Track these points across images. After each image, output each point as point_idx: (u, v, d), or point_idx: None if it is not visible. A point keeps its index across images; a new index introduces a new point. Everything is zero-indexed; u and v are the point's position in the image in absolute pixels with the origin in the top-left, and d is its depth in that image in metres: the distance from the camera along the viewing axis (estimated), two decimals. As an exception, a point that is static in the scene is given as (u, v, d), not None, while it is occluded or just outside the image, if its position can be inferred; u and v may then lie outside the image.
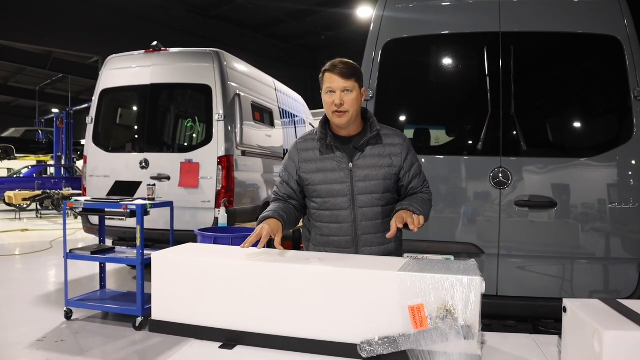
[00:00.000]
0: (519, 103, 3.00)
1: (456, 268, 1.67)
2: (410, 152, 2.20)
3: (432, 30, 3.25)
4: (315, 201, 2.21)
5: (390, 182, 2.16)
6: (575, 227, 3.01)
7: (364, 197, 2.14)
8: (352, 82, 2.07)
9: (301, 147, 2.22)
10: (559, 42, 3.10)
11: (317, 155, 2.17)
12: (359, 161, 2.13)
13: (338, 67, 2.06)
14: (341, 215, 2.16)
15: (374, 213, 2.16)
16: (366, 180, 2.12)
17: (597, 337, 1.25)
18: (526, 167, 3.01)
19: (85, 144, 6.21)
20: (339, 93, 2.05)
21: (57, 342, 4.03)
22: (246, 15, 15.84)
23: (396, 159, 2.16)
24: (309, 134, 2.27)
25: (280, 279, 1.70)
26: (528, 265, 3.05)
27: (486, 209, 3.06)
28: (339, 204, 2.15)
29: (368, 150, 2.14)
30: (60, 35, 13.64)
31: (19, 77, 22.47)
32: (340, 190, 2.13)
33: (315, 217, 2.24)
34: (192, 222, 5.52)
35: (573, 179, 2.99)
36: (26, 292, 5.66)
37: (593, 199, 2.98)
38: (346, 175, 2.13)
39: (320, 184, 2.16)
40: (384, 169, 2.14)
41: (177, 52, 5.99)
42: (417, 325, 1.54)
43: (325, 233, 2.21)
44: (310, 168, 2.17)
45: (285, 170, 2.25)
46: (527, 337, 1.87)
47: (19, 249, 8.97)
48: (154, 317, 1.84)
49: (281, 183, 2.26)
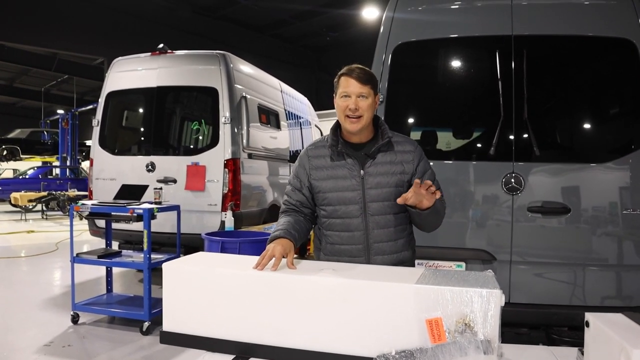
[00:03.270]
0: (531, 107, 2.95)
1: (474, 280, 1.63)
2: (422, 159, 2.17)
3: (442, 34, 3.21)
4: (325, 209, 2.17)
5: (402, 189, 2.11)
6: (589, 233, 2.96)
7: (375, 204, 2.10)
8: (368, 88, 2.03)
9: (312, 153, 2.18)
10: (571, 45, 3.05)
11: (328, 162, 2.13)
12: (370, 168, 2.09)
13: (355, 72, 2.03)
14: (352, 223, 2.12)
15: (385, 221, 2.12)
16: (378, 187, 2.09)
17: (625, 354, 1.22)
18: (539, 172, 2.96)
19: (91, 147, 6.20)
20: (354, 98, 2.02)
21: (64, 347, 4.01)
22: (251, 16, 15.82)
23: (408, 166, 2.12)
24: (319, 140, 2.23)
25: (294, 290, 1.67)
26: (540, 272, 3.01)
27: (498, 215, 3.02)
28: (351, 211, 2.11)
29: (379, 157, 2.10)
30: (65, 37, 13.66)
31: (24, 78, 22.52)
32: (352, 198, 2.10)
33: (325, 226, 2.19)
34: (199, 226, 5.50)
35: (586, 184, 2.94)
36: (33, 294, 5.66)
37: (606, 204, 2.93)
38: (357, 182, 2.09)
39: (331, 191, 2.12)
40: (396, 176, 2.10)
41: (183, 55, 5.97)
42: (435, 339, 1.51)
43: (336, 242, 2.17)
44: (321, 175, 2.13)
45: (297, 177, 2.20)
46: (545, 349, 1.84)
47: (24, 250, 8.98)
48: (165, 328, 1.81)
49: (293, 190, 2.21)
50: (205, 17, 15.59)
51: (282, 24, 16.59)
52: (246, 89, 6.06)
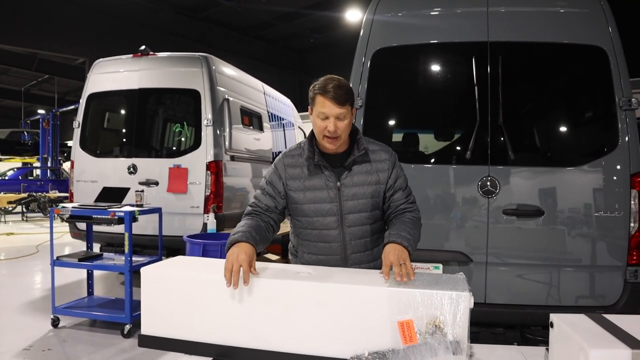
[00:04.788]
0: (506, 112, 3.03)
1: (445, 282, 1.68)
2: (395, 166, 2.15)
3: (421, 39, 3.27)
4: (300, 220, 2.15)
5: (378, 199, 2.12)
6: (562, 235, 3.04)
7: (352, 216, 2.10)
8: (347, 107, 1.98)
9: (288, 162, 2.14)
10: (546, 52, 3.13)
11: (305, 173, 2.10)
12: (346, 180, 2.08)
13: (332, 92, 1.95)
14: (330, 234, 2.12)
15: (362, 232, 2.13)
16: (354, 199, 2.09)
17: (584, 354, 1.27)
18: (514, 176, 3.04)
19: (72, 149, 6.14)
20: (332, 119, 1.96)
21: (44, 350, 3.98)
22: (234, 18, 15.79)
23: (383, 175, 2.11)
24: (295, 148, 2.18)
25: (270, 293, 1.70)
26: (516, 273, 3.08)
27: (474, 218, 3.08)
28: (328, 223, 2.11)
29: (355, 168, 2.09)
30: (46, 36, 13.49)
31: (3, 77, 22.15)
32: (329, 210, 2.09)
33: (302, 236, 2.19)
34: (181, 228, 5.50)
35: (560, 187, 3.02)
36: (12, 298, 5.59)
37: (579, 207, 3.02)
38: (335, 194, 2.08)
39: (308, 202, 2.10)
40: (372, 187, 2.10)
41: (166, 57, 5.95)
42: (407, 341, 1.56)
43: (313, 252, 2.18)
44: (296, 186, 2.11)
45: (270, 183, 2.14)
46: (515, 348, 1.89)
47: (4, 253, 8.85)
48: (144, 331, 1.83)
49: (263, 194, 2.14)
50: (188, 18, 15.52)
51: (265, 26, 16.59)
52: (228, 91, 6.06)
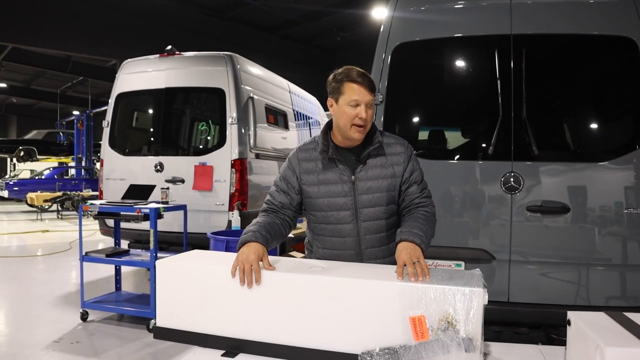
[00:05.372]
0: (530, 106, 2.95)
1: (459, 278, 1.65)
2: (411, 160, 2.12)
3: (442, 34, 3.21)
4: (315, 215, 2.14)
5: (393, 193, 2.09)
6: (589, 232, 2.94)
7: (367, 210, 2.07)
8: (373, 96, 2.01)
9: (302, 156, 2.13)
10: (571, 44, 3.03)
11: (319, 167, 2.09)
12: (361, 173, 2.06)
13: (362, 79, 1.98)
14: (344, 229, 2.10)
15: (377, 226, 2.10)
16: (369, 192, 2.06)
17: (599, 352, 1.23)
18: (538, 172, 2.95)
19: (101, 147, 6.30)
20: (363, 106, 1.97)
21: (72, 343, 4.10)
22: (261, 17, 15.89)
23: (398, 169, 2.08)
24: (309, 142, 2.18)
25: (282, 287, 1.70)
26: (540, 272, 3.00)
27: (497, 215, 3.01)
28: (342, 217, 2.09)
29: (370, 161, 2.07)
30: (78, 40, 13.87)
31: (40, 80, 22.90)
32: (343, 204, 2.07)
33: (317, 231, 2.18)
34: (206, 225, 5.56)
35: (586, 183, 2.93)
36: (45, 292, 5.78)
37: (608, 203, 2.91)
38: (349, 188, 2.06)
39: (322, 197, 2.09)
40: (387, 180, 2.07)
41: (191, 56, 6.03)
42: (418, 337, 1.53)
43: (327, 246, 2.16)
44: (311, 180, 2.10)
45: (284, 179, 2.14)
46: (533, 347, 1.84)
47: (39, 249, 9.16)
48: (159, 323, 1.86)
49: (278, 191, 2.14)
50: (216, 19, 15.70)
51: (292, 25, 16.63)
52: (253, 90, 6.10)
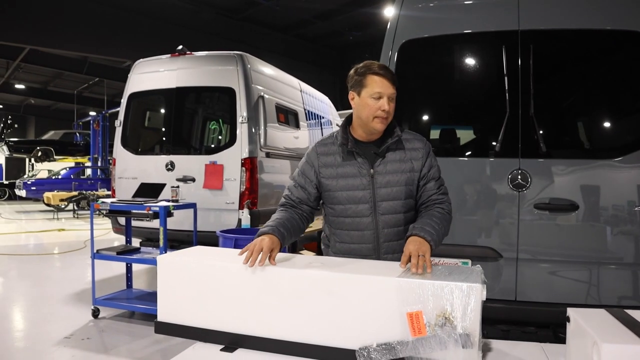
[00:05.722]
0: (538, 103, 2.91)
1: (458, 274, 1.64)
2: (430, 156, 2.15)
3: (448, 30, 3.19)
4: (334, 208, 2.16)
5: (412, 187, 2.11)
6: (599, 230, 2.90)
7: (385, 203, 2.09)
8: (395, 89, 2.05)
9: (320, 151, 2.17)
10: (580, 39, 2.99)
11: (338, 161, 2.12)
12: (380, 167, 2.09)
13: (384, 72, 2.03)
14: (362, 222, 2.11)
15: (396, 220, 2.11)
16: (388, 186, 2.08)
17: (596, 349, 1.21)
18: (546, 169, 2.92)
19: (114, 147, 6.38)
20: (386, 99, 2.01)
21: (83, 339, 4.15)
22: (274, 17, 15.92)
23: (417, 164, 2.11)
24: (328, 137, 2.22)
25: (281, 282, 1.71)
26: (548, 270, 2.96)
27: (504, 212, 2.98)
28: (361, 211, 2.10)
29: (389, 155, 2.10)
30: (94, 41, 14.03)
31: (57, 81, 23.24)
32: (362, 197, 2.09)
33: (335, 224, 2.19)
34: (217, 224, 5.59)
35: (595, 180, 2.88)
36: (58, 290, 5.87)
37: (617, 201, 2.86)
38: (367, 181, 2.08)
39: (341, 190, 2.11)
40: (406, 174, 2.09)
41: (202, 56, 6.07)
42: (415, 332, 1.52)
43: (345, 240, 2.17)
44: (330, 173, 2.12)
45: (302, 174, 2.18)
46: (536, 345, 1.82)
47: (54, 248, 9.31)
48: (160, 318, 1.88)
49: (295, 187, 2.19)
50: (228, 19, 15.77)
51: (304, 24, 16.63)
52: (264, 89, 6.12)
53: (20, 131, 28.73)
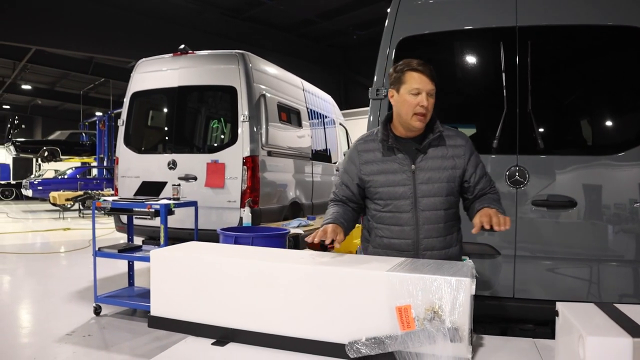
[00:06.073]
0: (536, 99, 2.90)
1: (448, 268, 1.64)
2: (473, 153, 2.15)
3: (446, 27, 3.18)
4: (376, 203, 2.17)
5: (453, 184, 2.11)
6: (597, 227, 2.88)
7: (426, 200, 2.09)
8: (435, 85, 2.06)
9: (361, 148, 2.19)
10: (578, 35, 2.97)
11: (378, 157, 2.13)
12: (421, 163, 2.09)
13: (423, 68, 2.03)
14: (403, 217, 2.12)
15: (436, 216, 2.11)
16: (429, 182, 2.08)
17: (581, 342, 1.21)
18: (544, 165, 2.91)
19: (117, 146, 6.41)
20: (425, 94, 2.02)
21: (84, 336, 4.18)
22: (277, 17, 15.92)
23: (459, 161, 2.11)
24: (368, 134, 2.24)
25: (272, 277, 1.71)
26: (546, 267, 2.95)
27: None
28: (401, 206, 2.11)
29: (431, 151, 2.10)
30: (99, 41, 14.11)
31: (64, 82, 23.37)
32: (403, 193, 2.10)
33: (375, 219, 2.20)
34: (219, 222, 5.60)
35: (593, 177, 2.87)
36: (61, 288, 5.91)
37: (615, 197, 2.85)
38: (408, 177, 2.09)
39: (382, 186, 2.12)
40: (448, 171, 2.09)
41: (204, 55, 6.09)
42: (404, 327, 1.53)
43: (385, 235, 2.17)
44: (371, 170, 2.14)
45: (345, 172, 2.22)
46: (528, 341, 1.82)
47: (59, 247, 9.37)
48: (153, 313, 1.89)
49: (340, 185, 2.23)
50: (233, 19, 15.80)
51: (308, 24, 16.62)
52: (265, 88, 6.13)
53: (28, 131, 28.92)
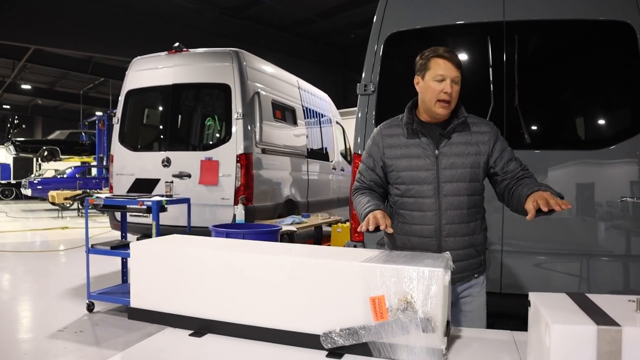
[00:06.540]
0: (523, 94, 2.91)
1: (423, 259, 1.64)
2: (498, 139, 2.11)
3: (434, 22, 3.19)
4: (399, 187, 2.14)
5: (477, 170, 2.09)
6: (583, 221, 2.89)
7: (449, 185, 2.06)
8: (460, 73, 2.02)
9: (385, 132, 2.17)
10: (565, 30, 2.98)
11: (402, 141, 2.11)
12: (445, 148, 2.06)
13: (449, 55, 2.01)
14: (425, 203, 2.09)
15: (459, 202, 2.08)
16: (452, 168, 2.06)
17: (548, 330, 1.21)
18: (530, 159, 2.84)
19: (112, 143, 6.42)
20: (449, 81, 1.99)
21: (76, 332, 4.19)
22: (275, 16, 15.92)
23: (484, 147, 2.08)
24: (393, 119, 2.21)
25: (249, 268, 1.71)
26: (533, 262, 2.95)
27: (488, 204, 2.96)
28: (424, 191, 2.08)
29: (455, 137, 2.07)
30: (98, 41, 14.12)
31: (64, 81, 23.39)
32: (426, 178, 2.07)
33: (398, 204, 2.17)
34: (212, 219, 5.61)
35: (580, 171, 2.87)
36: (56, 285, 5.92)
37: (602, 192, 2.86)
38: (432, 162, 2.06)
39: (405, 170, 2.10)
40: (471, 157, 2.07)
41: (198, 53, 6.10)
42: (378, 317, 1.53)
43: (407, 221, 2.14)
44: (394, 154, 2.12)
45: (370, 156, 2.19)
46: (506, 333, 1.82)
47: (56, 245, 9.39)
48: (132, 304, 1.89)
49: (366, 170, 2.20)
50: (231, 18, 15.80)
51: (306, 23, 16.63)
52: (260, 85, 6.14)
53: (28, 131, 28.97)
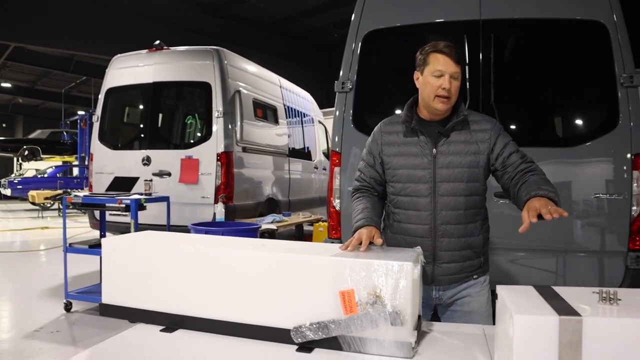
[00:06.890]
0: (498, 92, 2.94)
1: (394, 253, 1.65)
2: (500, 135, 2.04)
3: (411, 20, 3.21)
4: (394, 186, 2.12)
5: (476, 170, 2.03)
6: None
7: (446, 185, 2.02)
8: (459, 68, 1.98)
9: (385, 129, 2.14)
10: (541, 29, 3.02)
11: (400, 139, 2.08)
12: (442, 147, 2.02)
13: (448, 50, 1.97)
14: (420, 202, 2.05)
15: (455, 202, 2.02)
16: (449, 167, 2.01)
17: (511, 321, 1.22)
18: (506, 158, 2.94)
19: (91, 142, 6.35)
20: (447, 77, 1.95)
21: (52, 332, 4.13)
22: (259, 15, 15.90)
23: (483, 146, 2.02)
24: (393, 117, 2.19)
25: (219, 263, 1.71)
26: (510, 259, 2.99)
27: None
28: (419, 190, 2.04)
29: (454, 136, 2.03)
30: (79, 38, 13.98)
31: (45, 80, 23.07)
32: (422, 177, 2.03)
33: (394, 203, 2.14)
34: (192, 218, 5.56)
35: (555, 168, 2.90)
36: (34, 285, 5.83)
37: (576, 189, 2.90)
38: (429, 161, 2.03)
39: (401, 168, 2.07)
40: (470, 157, 2.01)
41: (179, 51, 6.06)
42: (347, 311, 1.53)
43: (402, 220, 2.11)
44: (392, 151, 2.09)
45: (370, 153, 2.17)
46: (477, 327, 1.83)
47: (36, 245, 9.25)
48: (104, 300, 1.87)
49: (366, 167, 2.18)
50: (215, 17, 15.75)
51: (290, 22, 16.64)
52: (241, 84, 6.11)
53: (9, 130, 28.50)
